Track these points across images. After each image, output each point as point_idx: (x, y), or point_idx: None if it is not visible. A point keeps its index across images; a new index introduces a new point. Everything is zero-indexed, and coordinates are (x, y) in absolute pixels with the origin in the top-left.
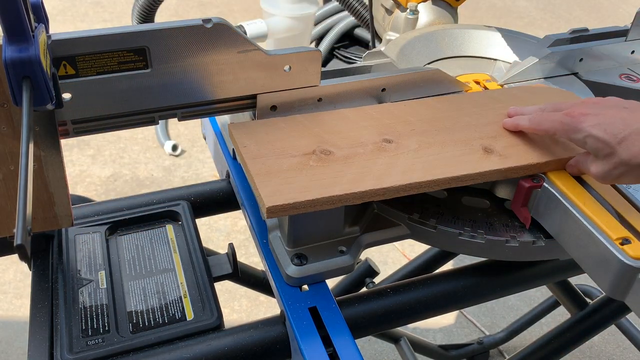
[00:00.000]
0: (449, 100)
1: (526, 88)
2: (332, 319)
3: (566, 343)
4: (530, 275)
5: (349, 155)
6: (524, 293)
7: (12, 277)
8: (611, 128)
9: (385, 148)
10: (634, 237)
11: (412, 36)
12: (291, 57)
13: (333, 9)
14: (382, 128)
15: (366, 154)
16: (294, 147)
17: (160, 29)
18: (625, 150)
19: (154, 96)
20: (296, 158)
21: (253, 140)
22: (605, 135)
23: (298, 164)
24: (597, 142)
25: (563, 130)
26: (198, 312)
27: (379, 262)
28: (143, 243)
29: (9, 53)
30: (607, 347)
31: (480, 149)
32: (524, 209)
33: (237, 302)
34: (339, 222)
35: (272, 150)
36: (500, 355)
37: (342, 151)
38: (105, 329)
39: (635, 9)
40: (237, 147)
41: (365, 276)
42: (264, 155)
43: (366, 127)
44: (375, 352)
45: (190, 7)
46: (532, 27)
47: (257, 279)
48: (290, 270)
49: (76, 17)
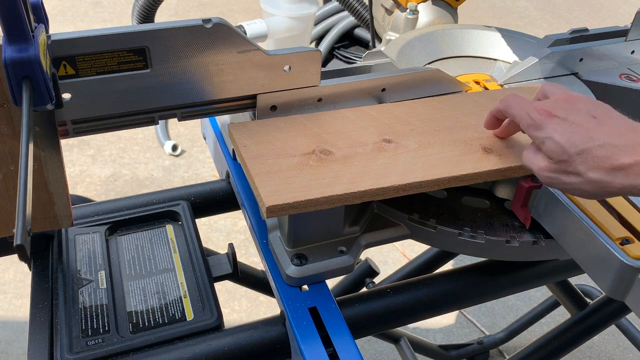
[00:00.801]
0: (448, 100)
1: (526, 88)
2: (332, 319)
3: (566, 343)
4: (530, 275)
5: (348, 155)
6: (524, 293)
7: (12, 277)
8: (574, 137)
9: (385, 148)
10: (634, 237)
11: (412, 36)
12: (291, 57)
13: (333, 9)
14: (381, 128)
15: (366, 154)
16: (294, 147)
17: (160, 29)
18: (583, 162)
19: (154, 96)
20: (296, 158)
21: (253, 140)
22: (566, 143)
23: (298, 163)
24: (555, 146)
25: (527, 124)
26: (198, 312)
27: (379, 262)
28: (143, 243)
29: (8, 53)
30: (607, 347)
31: (480, 149)
32: (524, 209)
33: (237, 302)
34: (339, 222)
35: (271, 150)
36: (500, 355)
37: (342, 151)
38: (105, 329)
39: (635, 9)
40: (236, 147)
41: (365, 276)
42: (263, 155)
43: (366, 127)
44: (375, 352)
45: (190, 7)
46: (532, 27)
47: (257, 279)
48: (290, 270)
49: (76, 17)
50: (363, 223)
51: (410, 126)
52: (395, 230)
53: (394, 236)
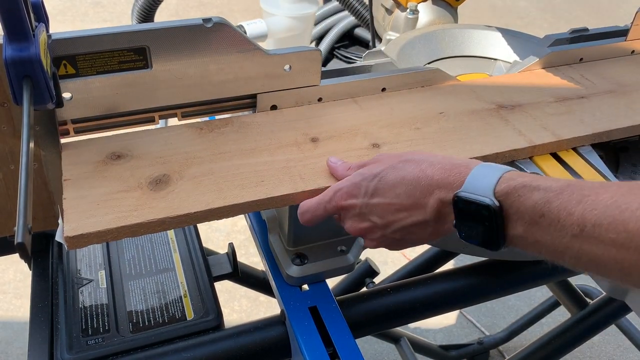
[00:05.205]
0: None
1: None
2: (332, 319)
3: (566, 343)
4: (530, 275)
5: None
6: (524, 293)
7: (12, 277)
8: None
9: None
10: None
11: (412, 36)
12: (291, 56)
13: (333, 9)
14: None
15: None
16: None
17: (160, 29)
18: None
19: (153, 96)
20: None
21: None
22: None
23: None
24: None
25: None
26: (198, 312)
27: (379, 262)
28: (143, 243)
29: (9, 52)
30: (607, 347)
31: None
32: None
33: (237, 302)
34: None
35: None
36: (500, 355)
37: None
38: (105, 329)
39: (635, 8)
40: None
41: (365, 276)
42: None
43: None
44: (375, 352)
45: (190, 7)
46: (532, 27)
47: (257, 279)
48: (290, 270)
49: (76, 17)
50: None
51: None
52: None
53: None
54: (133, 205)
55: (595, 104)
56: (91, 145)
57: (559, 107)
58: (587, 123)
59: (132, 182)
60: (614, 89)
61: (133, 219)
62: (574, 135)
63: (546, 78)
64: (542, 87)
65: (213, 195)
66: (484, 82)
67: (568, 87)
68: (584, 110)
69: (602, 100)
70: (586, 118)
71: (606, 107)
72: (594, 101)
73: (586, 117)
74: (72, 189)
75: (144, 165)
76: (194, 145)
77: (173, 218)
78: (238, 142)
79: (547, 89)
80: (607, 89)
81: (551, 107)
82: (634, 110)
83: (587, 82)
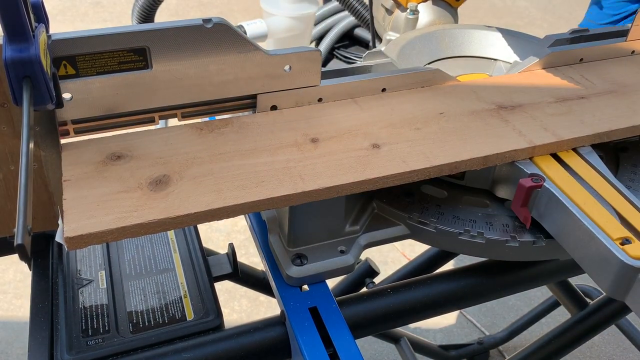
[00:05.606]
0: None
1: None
2: (332, 319)
3: (566, 343)
4: (530, 275)
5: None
6: (524, 293)
7: (12, 277)
8: None
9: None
10: (634, 237)
11: (412, 36)
12: (291, 57)
13: (333, 9)
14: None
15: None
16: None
17: (160, 29)
18: None
19: (154, 96)
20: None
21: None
22: None
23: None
24: None
25: None
26: (198, 312)
27: (379, 262)
28: (143, 243)
29: (9, 53)
30: (607, 347)
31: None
32: (524, 209)
33: (237, 302)
34: (339, 222)
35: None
36: (500, 355)
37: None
38: (105, 329)
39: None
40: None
41: (365, 276)
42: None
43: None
44: (375, 352)
45: (190, 7)
46: (532, 27)
47: (257, 279)
48: (290, 270)
49: (76, 17)
50: (363, 223)
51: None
52: (395, 230)
53: (394, 236)
54: (133, 206)
55: (596, 104)
56: (91, 146)
57: (559, 107)
58: (588, 123)
59: (132, 182)
60: (614, 90)
61: (133, 219)
62: (574, 135)
63: (546, 78)
64: (542, 87)
65: (213, 195)
66: (484, 82)
67: (568, 88)
68: (584, 110)
69: (603, 101)
70: (586, 118)
71: (606, 108)
72: (594, 101)
73: (586, 117)
74: (72, 189)
75: (144, 166)
76: (194, 145)
77: (173, 219)
78: (238, 142)
79: (548, 89)
80: (607, 90)
81: (551, 107)
82: (634, 110)
83: (587, 83)
